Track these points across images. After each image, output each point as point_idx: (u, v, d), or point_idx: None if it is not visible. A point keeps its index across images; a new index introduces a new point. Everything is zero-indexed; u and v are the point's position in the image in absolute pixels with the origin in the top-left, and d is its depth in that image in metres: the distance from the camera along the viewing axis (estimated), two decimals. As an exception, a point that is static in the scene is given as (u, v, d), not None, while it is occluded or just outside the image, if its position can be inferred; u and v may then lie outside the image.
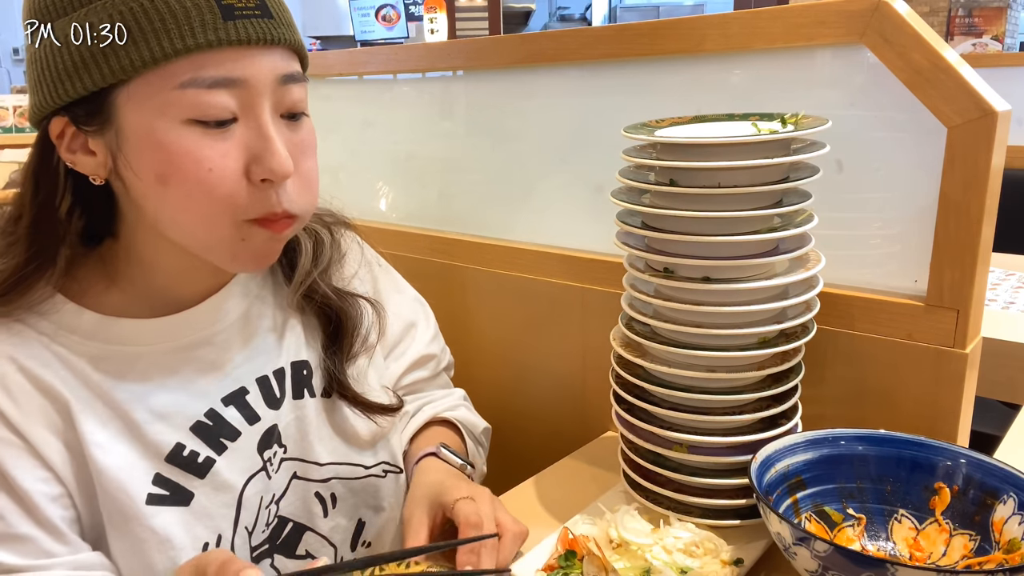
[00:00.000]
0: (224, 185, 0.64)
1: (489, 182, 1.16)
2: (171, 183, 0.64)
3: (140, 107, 0.63)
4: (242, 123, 0.64)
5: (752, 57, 0.85)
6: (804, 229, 0.72)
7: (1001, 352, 1.11)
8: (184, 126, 0.62)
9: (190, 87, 0.61)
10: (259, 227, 0.67)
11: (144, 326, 0.72)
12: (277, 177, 0.65)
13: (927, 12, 3.79)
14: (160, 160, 0.63)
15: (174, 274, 0.73)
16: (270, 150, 0.64)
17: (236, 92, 0.63)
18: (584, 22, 7.59)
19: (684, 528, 0.72)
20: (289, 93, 0.67)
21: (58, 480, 0.67)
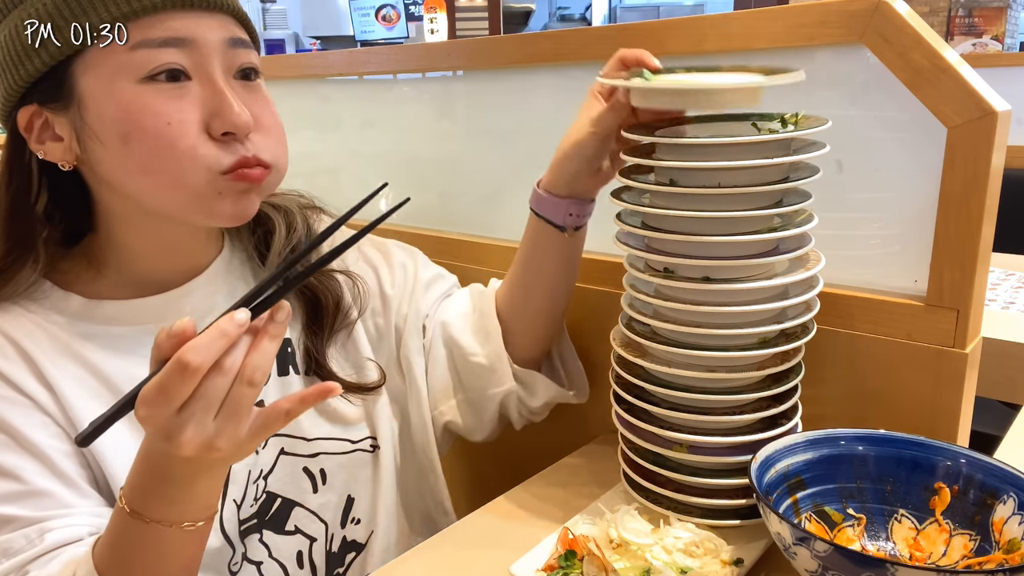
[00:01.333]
0: (185, 138, 0.66)
1: (489, 182, 1.16)
2: (133, 140, 0.66)
3: (97, 73, 0.66)
4: (196, 82, 0.67)
5: (752, 57, 0.85)
6: (804, 229, 0.72)
7: (1001, 352, 1.11)
8: (140, 85, 0.65)
9: (141, 48, 0.65)
10: (234, 179, 0.68)
11: (127, 306, 0.75)
12: (238, 129, 0.67)
13: (927, 12, 3.79)
14: (121, 119, 0.66)
15: (154, 254, 0.75)
16: (225, 103, 0.67)
17: (186, 52, 0.66)
18: (584, 22, 7.59)
19: (684, 528, 0.72)
20: (238, 56, 0.70)
21: (68, 437, 0.69)
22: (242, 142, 0.69)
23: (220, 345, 0.54)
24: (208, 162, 0.67)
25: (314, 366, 0.83)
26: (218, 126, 0.67)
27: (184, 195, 0.68)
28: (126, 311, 0.75)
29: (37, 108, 0.69)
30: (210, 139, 0.67)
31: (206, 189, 0.68)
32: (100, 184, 0.72)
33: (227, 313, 0.55)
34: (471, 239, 1.15)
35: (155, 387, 0.53)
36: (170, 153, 0.66)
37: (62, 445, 0.69)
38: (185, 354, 0.53)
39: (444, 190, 1.22)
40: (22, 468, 0.66)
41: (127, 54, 0.65)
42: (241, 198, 0.70)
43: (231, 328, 0.54)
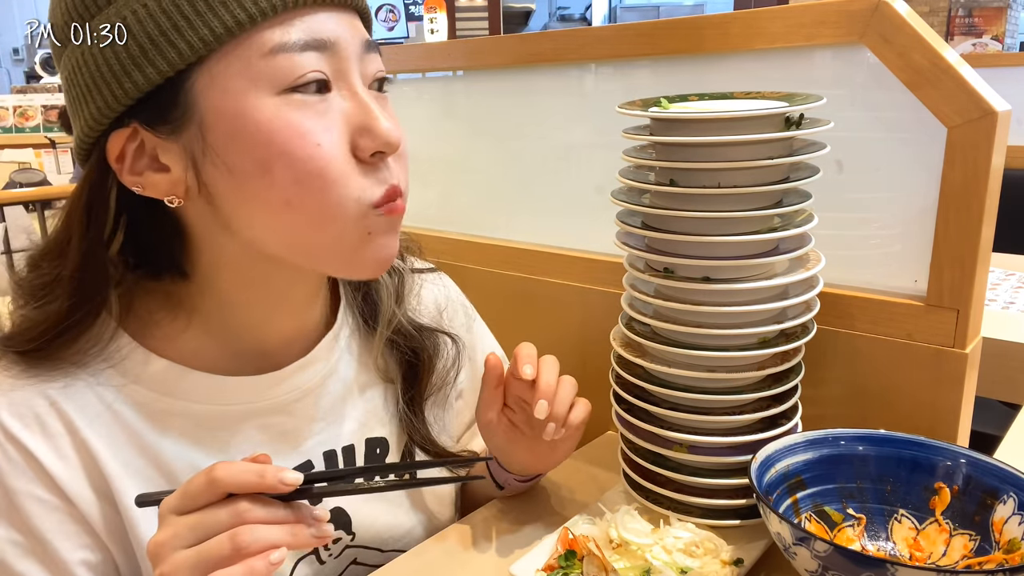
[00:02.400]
0: (337, 161, 0.56)
1: (489, 182, 1.16)
2: (275, 168, 0.55)
3: (225, 86, 0.54)
4: (336, 94, 0.57)
5: (752, 57, 0.85)
6: (804, 229, 0.72)
7: (1001, 352, 1.11)
8: (280, 98, 0.54)
9: (281, 52, 0.54)
10: (382, 213, 0.58)
11: (221, 383, 0.65)
12: (391, 147, 0.58)
13: (927, 12, 3.79)
14: (259, 143, 0.54)
15: (260, 314, 0.66)
16: (373, 117, 0.57)
17: (327, 57, 0.56)
18: (584, 22, 7.59)
19: (684, 528, 0.72)
20: (373, 61, 0.60)
21: (102, 545, 0.62)
22: (388, 166, 0.59)
23: (248, 480, 0.51)
24: (356, 191, 0.57)
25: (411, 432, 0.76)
26: (368, 144, 0.57)
27: (330, 235, 0.57)
28: (217, 391, 0.65)
29: (134, 132, 0.56)
30: (357, 163, 0.57)
31: (355, 227, 0.58)
32: (213, 224, 0.60)
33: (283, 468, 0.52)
34: (471, 239, 1.15)
35: (181, 487, 0.52)
36: (319, 181, 0.55)
37: (91, 556, 0.61)
38: (216, 468, 0.51)
39: (444, 190, 1.22)
40: None
41: (263, 60, 0.54)
42: (388, 239, 0.60)
43: (270, 475, 0.51)
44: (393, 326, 0.76)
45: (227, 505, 0.51)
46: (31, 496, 0.59)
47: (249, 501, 0.52)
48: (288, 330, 0.69)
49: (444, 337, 0.81)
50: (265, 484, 0.51)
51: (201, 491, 0.52)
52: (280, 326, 0.68)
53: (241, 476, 0.51)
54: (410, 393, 0.78)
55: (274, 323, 0.67)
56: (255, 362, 0.67)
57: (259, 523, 0.51)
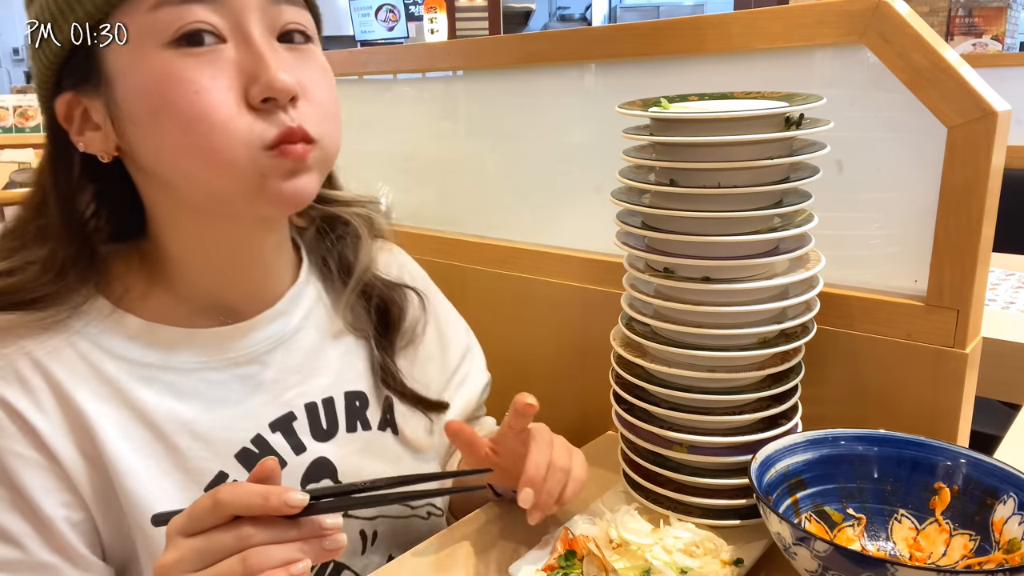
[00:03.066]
0: (219, 109, 0.58)
1: (489, 182, 1.16)
2: (162, 115, 0.58)
3: (121, 46, 0.59)
4: (231, 45, 0.59)
5: (752, 57, 0.85)
6: (804, 229, 0.72)
7: (1001, 352, 1.11)
8: (166, 50, 0.57)
9: (163, 6, 0.57)
10: (279, 156, 0.59)
11: (191, 336, 0.67)
12: (278, 93, 0.58)
13: (927, 12, 3.79)
14: (148, 93, 0.58)
15: (214, 268, 0.68)
16: (263, 64, 0.58)
17: (217, 8, 0.58)
18: (584, 22, 7.59)
19: (684, 528, 0.72)
20: (281, 13, 0.61)
21: (83, 504, 0.63)
22: (285, 110, 0.59)
23: (253, 503, 0.51)
24: (246, 136, 0.58)
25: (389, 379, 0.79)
26: (256, 92, 0.58)
27: (224, 178, 0.59)
28: (191, 342, 0.67)
29: (73, 96, 0.62)
30: (249, 110, 0.59)
31: (248, 169, 0.59)
32: (143, 179, 0.65)
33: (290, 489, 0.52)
34: (471, 239, 1.15)
35: (188, 509, 0.53)
36: (203, 127, 0.57)
37: (72, 514, 0.63)
38: (221, 490, 0.51)
39: (444, 190, 1.22)
40: (26, 535, 0.61)
41: (148, 15, 0.57)
42: (290, 179, 0.61)
43: (274, 498, 0.51)
44: (364, 280, 0.78)
45: (232, 529, 0.52)
46: (14, 453, 0.61)
47: (253, 525, 0.52)
48: (249, 286, 0.71)
49: (410, 292, 0.84)
50: (270, 507, 0.51)
51: (206, 513, 0.52)
52: (240, 282, 0.70)
53: (246, 499, 0.51)
54: (383, 345, 0.80)
55: (234, 280, 0.70)
56: (222, 318, 0.70)
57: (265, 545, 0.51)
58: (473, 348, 0.94)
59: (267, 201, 0.62)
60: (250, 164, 0.59)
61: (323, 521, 0.53)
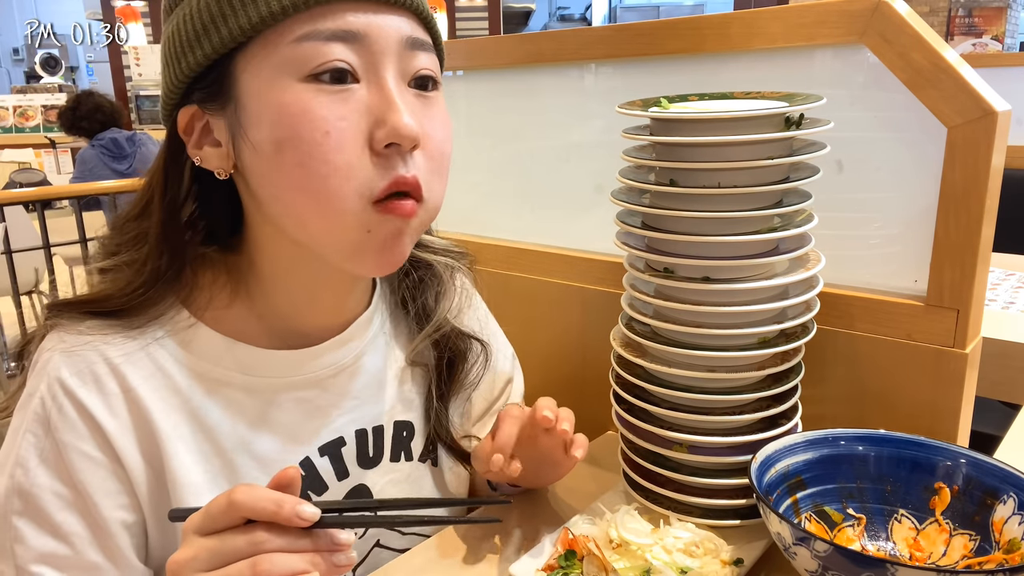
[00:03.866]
0: (342, 152, 0.57)
1: (489, 182, 1.16)
2: (286, 149, 0.58)
3: (258, 70, 0.59)
4: (364, 86, 0.59)
5: (752, 57, 0.85)
6: (804, 229, 0.72)
7: (1001, 352, 1.11)
8: (301, 84, 0.58)
9: (307, 40, 0.57)
10: (385, 213, 0.60)
11: (262, 356, 0.68)
12: (403, 139, 0.58)
13: (927, 12, 3.79)
14: (276, 124, 0.58)
15: (297, 294, 0.69)
16: (393, 109, 0.58)
17: (356, 49, 0.58)
18: (584, 22, 7.60)
19: (684, 528, 0.72)
20: (416, 59, 0.61)
21: (138, 507, 0.65)
22: (404, 158, 0.60)
23: (266, 508, 0.51)
24: (359, 184, 0.58)
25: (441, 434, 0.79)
26: (382, 136, 0.58)
27: (329, 223, 0.60)
28: (261, 363, 0.68)
29: (198, 109, 0.63)
30: (371, 153, 0.59)
31: (353, 221, 0.59)
32: (250, 201, 0.66)
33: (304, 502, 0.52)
34: (471, 239, 1.15)
35: (205, 508, 0.53)
36: (324, 168, 0.57)
37: (128, 516, 0.64)
38: (237, 491, 0.52)
39: (444, 190, 1.22)
40: (78, 534, 0.62)
41: (290, 47, 0.57)
42: (391, 242, 0.61)
43: (287, 508, 0.51)
44: (440, 331, 0.79)
45: (246, 533, 0.52)
46: (80, 452, 0.62)
47: (268, 531, 0.52)
48: (326, 312, 0.72)
49: (478, 344, 0.84)
50: (281, 516, 0.52)
51: (221, 513, 0.52)
52: (319, 310, 0.71)
53: (259, 504, 0.52)
54: (442, 390, 0.81)
55: (314, 307, 0.71)
56: (292, 340, 0.71)
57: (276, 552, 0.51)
58: (516, 377, 0.93)
59: (360, 261, 0.62)
60: (357, 216, 0.59)
61: (337, 536, 0.53)
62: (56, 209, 4.17)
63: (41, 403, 0.63)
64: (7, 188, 3.96)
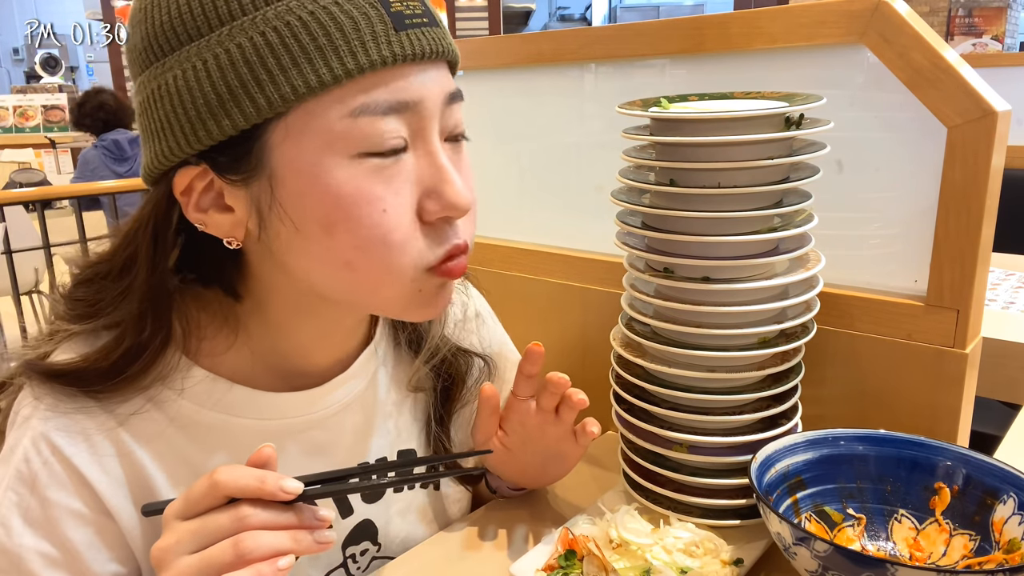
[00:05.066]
0: (400, 230, 0.55)
1: (489, 182, 1.16)
2: (338, 231, 0.54)
3: (300, 143, 0.53)
4: (411, 153, 0.55)
5: (752, 57, 0.85)
6: (804, 229, 0.72)
7: (1001, 352, 1.11)
8: (354, 161, 0.53)
9: (363, 115, 0.52)
10: (437, 275, 0.58)
11: (261, 399, 0.65)
12: (459, 213, 0.56)
13: (927, 12, 3.79)
14: (326, 204, 0.53)
15: (308, 339, 0.66)
16: (448, 181, 0.56)
17: (408, 118, 0.54)
18: (584, 22, 7.60)
19: (684, 528, 0.72)
20: (453, 114, 0.59)
21: (132, 558, 0.62)
22: (453, 226, 0.58)
23: (249, 484, 0.50)
24: (415, 258, 0.56)
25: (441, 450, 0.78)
26: (436, 209, 0.56)
27: (382, 294, 0.58)
28: (259, 406, 0.65)
29: (205, 171, 0.55)
30: (421, 224, 0.56)
31: (408, 287, 0.57)
32: (270, 263, 0.60)
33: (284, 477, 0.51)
34: (471, 239, 1.15)
35: (184, 493, 0.52)
36: (382, 247, 0.54)
37: (120, 568, 0.61)
38: (219, 470, 0.50)
39: (444, 190, 1.22)
40: None
41: (344, 122, 0.52)
42: (439, 293, 0.60)
43: (270, 483, 0.50)
44: (437, 355, 0.77)
45: (229, 510, 0.51)
46: (67, 509, 0.59)
47: (251, 506, 0.51)
48: (334, 352, 0.69)
49: (479, 360, 0.81)
50: (265, 490, 0.51)
51: (203, 495, 0.51)
52: (326, 350, 0.69)
53: (242, 481, 0.51)
54: (441, 411, 0.79)
55: (321, 347, 0.68)
56: (295, 381, 0.67)
57: (261, 528, 0.50)
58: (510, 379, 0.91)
59: (405, 314, 0.61)
60: (411, 282, 0.57)
61: (318, 511, 0.53)
62: (56, 209, 4.17)
63: (25, 459, 0.58)
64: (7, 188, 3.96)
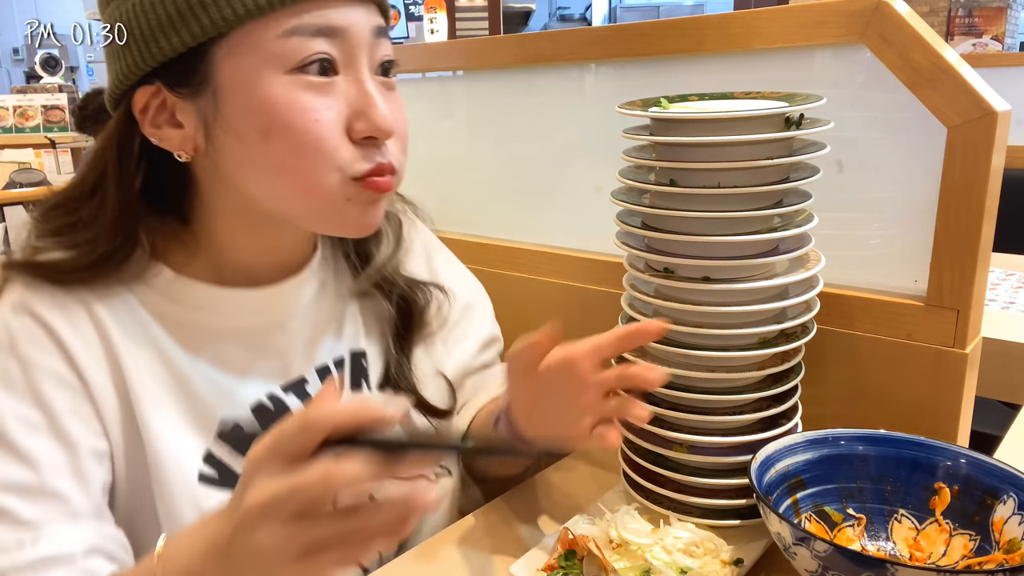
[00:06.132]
0: (331, 137, 0.62)
1: (489, 182, 1.16)
2: (275, 137, 0.61)
3: (241, 60, 0.60)
4: (342, 78, 0.63)
5: (752, 57, 0.85)
6: (804, 229, 0.72)
7: (1001, 352, 1.11)
8: (288, 76, 0.61)
9: (294, 35, 0.60)
10: (364, 187, 0.64)
11: (218, 294, 0.70)
12: (382, 134, 0.63)
13: (927, 12, 3.79)
14: (264, 113, 0.61)
15: (251, 253, 0.72)
16: (373, 105, 0.63)
17: (336, 43, 0.62)
18: (584, 22, 7.59)
19: (684, 528, 0.72)
20: (381, 46, 0.66)
21: (105, 435, 0.64)
22: (379, 147, 0.64)
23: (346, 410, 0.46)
24: (343, 165, 0.62)
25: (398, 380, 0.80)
26: (361, 128, 0.63)
27: (313, 200, 0.64)
28: (217, 300, 0.70)
29: (158, 89, 0.63)
30: (349, 141, 0.63)
31: (336, 194, 0.63)
32: (215, 178, 0.67)
33: None
34: (471, 239, 1.15)
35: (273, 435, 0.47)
36: (314, 152, 0.61)
37: (97, 443, 0.63)
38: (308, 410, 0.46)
39: (444, 190, 1.22)
40: (44, 459, 0.60)
41: (277, 41, 0.60)
42: (369, 208, 0.66)
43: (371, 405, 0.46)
44: (383, 275, 0.81)
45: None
46: (46, 369, 0.62)
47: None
48: (278, 265, 0.75)
49: (436, 289, 0.86)
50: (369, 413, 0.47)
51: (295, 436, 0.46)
52: (272, 264, 0.74)
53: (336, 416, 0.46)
54: (400, 342, 0.82)
55: (266, 262, 0.73)
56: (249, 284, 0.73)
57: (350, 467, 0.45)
58: (476, 304, 0.94)
59: (341, 227, 0.67)
60: (339, 189, 0.63)
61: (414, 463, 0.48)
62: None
63: (4, 326, 0.63)
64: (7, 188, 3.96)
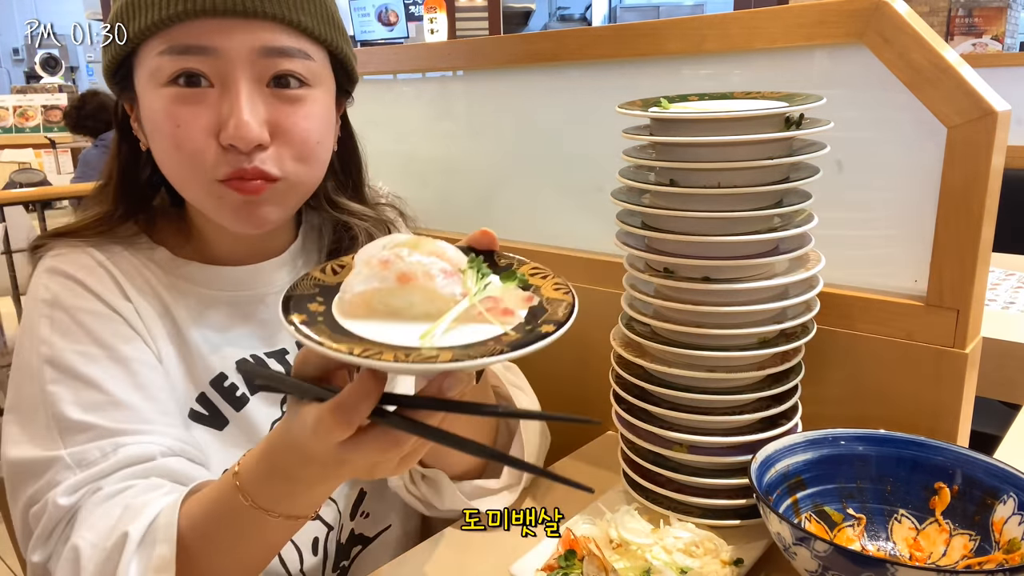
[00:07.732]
0: (190, 142, 0.69)
1: (489, 182, 1.16)
2: (154, 140, 0.72)
3: (140, 73, 0.71)
4: (218, 90, 0.69)
5: (752, 57, 0.85)
6: (804, 229, 0.72)
7: (1001, 352, 1.11)
8: (164, 88, 0.69)
9: (167, 54, 0.68)
10: (229, 188, 0.70)
11: (206, 270, 0.80)
12: (240, 143, 0.68)
13: (927, 12, 3.79)
14: (148, 119, 0.72)
15: (228, 239, 0.80)
16: (234, 115, 0.68)
17: (210, 61, 0.68)
18: (584, 22, 7.59)
19: (684, 528, 0.72)
20: (275, 64, 0.70)
21: (152, 350, 0.74)
22: (246, 154, 0.69)
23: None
24: (207, 168, 0.69)
25: None
26: (223, 136, 0.68)
27: (193, 197, 0.74)
28: (205, 275, 0.80)
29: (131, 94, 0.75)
30: (219, 146, 0.69)
31: (206, 193, 0.71)
32: None
33: None
34: (471, 239, 1.15)
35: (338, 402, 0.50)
36: (176, 155, 0.70)
37: (148, 358, 0.74)
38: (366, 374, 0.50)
39: (444, 190, 1.22)
40: (107, 379, 0.70)
41: (156, 59, 0.69)
42: (242, 208, 0.71)
43: None
44: None
45: None
46: (87, 311, 0.73)
47: None
48: (255, 249, 0.83)
49: None
50: None
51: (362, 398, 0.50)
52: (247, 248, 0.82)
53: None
54: None
55: (242, 247, 0.82)
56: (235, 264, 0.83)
57: None
58: None
59: (223, 220, 0.73)
60: (207, 189, 0.71)
61: None
62: (56, 209, 4.17)
63: (45, 287, 0.74)
64: (7, 188, 3.96)
